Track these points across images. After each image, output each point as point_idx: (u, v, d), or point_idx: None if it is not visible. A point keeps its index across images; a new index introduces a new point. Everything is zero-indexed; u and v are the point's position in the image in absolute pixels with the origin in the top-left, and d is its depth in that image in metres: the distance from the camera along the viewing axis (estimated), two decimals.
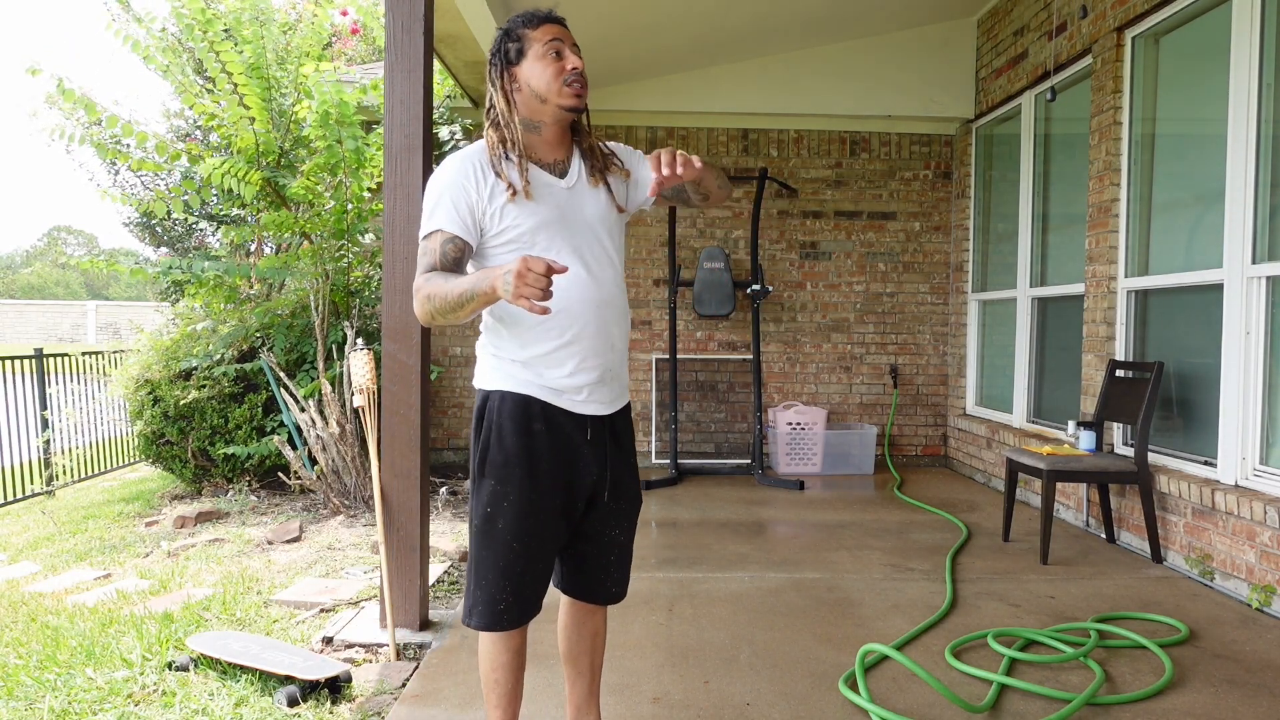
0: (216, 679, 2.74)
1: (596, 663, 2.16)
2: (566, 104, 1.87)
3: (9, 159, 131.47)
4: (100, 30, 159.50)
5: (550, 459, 1.89)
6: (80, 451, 6.87)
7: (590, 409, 1.93)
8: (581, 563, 2.05)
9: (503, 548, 1.89)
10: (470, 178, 1.85)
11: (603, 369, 1.92)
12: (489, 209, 1.85)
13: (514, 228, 1.86)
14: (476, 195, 1.85)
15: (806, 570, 3.94)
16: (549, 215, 1.87)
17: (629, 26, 5.28)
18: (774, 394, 6.79)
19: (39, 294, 40.91)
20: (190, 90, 5.54)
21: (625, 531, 2.08)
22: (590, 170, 1.96)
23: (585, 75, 1.89)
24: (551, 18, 1.90)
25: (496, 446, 1.89)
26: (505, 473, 1.88)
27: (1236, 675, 2.79)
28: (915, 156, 6.78)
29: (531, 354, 1.88)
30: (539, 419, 1.89)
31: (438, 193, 1.86)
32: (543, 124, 1.91)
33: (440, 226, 1.83)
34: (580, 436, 1.93)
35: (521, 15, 1.92)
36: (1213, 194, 3.89)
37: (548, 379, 1.89)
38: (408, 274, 3.11)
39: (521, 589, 1.91)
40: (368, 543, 4.41)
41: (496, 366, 1.93)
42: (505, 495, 1.88)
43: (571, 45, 1.90)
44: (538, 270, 1.58)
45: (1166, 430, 4.25)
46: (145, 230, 10.43)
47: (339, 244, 5.41)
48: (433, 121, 5.47)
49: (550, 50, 1.86)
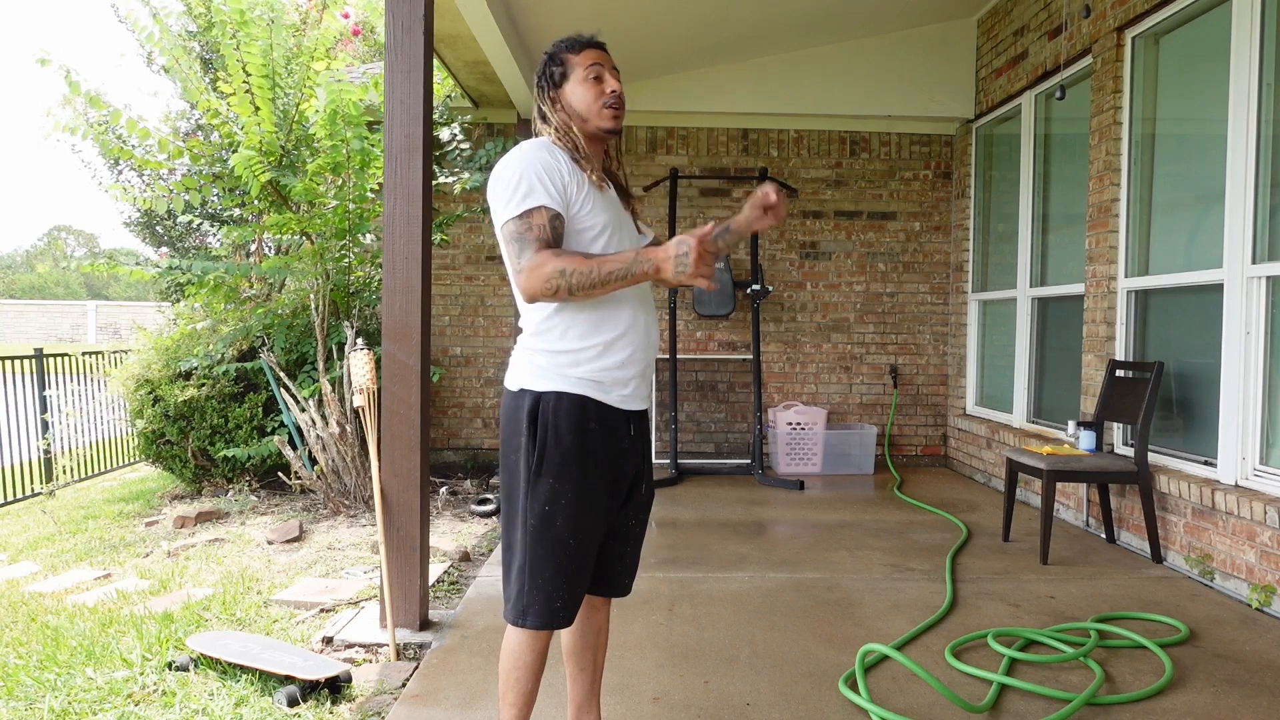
0: (216, 679, 2.74)
1: (599, 660, 2.19)
2: (605, 125, 1.98)
3: (10, 159, 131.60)
4: (108, 33, 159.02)
5: (601, 455, 1.95)
6: (80, 451, 6.87)
7: (632, 404, 2.00)
8: (601, 556, 2.08)
9: (561, 546, 1.91)
10: (560, 160, 1.91)
11: (645, 362, 2.00)
12: (577, 195, 1.91)
13: (590, 218, 1.92)
14: (567, 178, 1.90)
15: (806, 570, 3.94)
16: (612, 216, 1.98)
17: (629, 26, 5.28)
18: (774, 394, 6.79)
19: (39, 294, 40.92)
20: (197, 88, 5.54)
21: (641, 523, 2.15)
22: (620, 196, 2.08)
23: (623, 98, 2.00)
24: (593, 43, 2.02)
25: (554, 446, 1.90)
26: (564, 471, 1.90)
27: (1236, 675, 2.79)
28: (915, 156, 6.78)
29: (593, 342, 1.92)
30: (594, 418, 1.93)
31: (529, 171, 1.86)
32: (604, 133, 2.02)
33: (542, 203, 1.84)
34: (625, 432, 1.99)
35: (565, 40, 2.03)
36: (1213, 194, 3.89)
37: (603, 366, 1.92)
38: (408, 274, 3.11)
39: (575, 586, 1.95)
40: (368, 543, 4.41)
41: (549, 367, 1.93)
42: (563, 494, 1.90)
43: (611, 69, 2.00)
44: (711, 250, 1.74)
45: (1166, 430, 4.25)
46: (146, 230, 10.43)
47: (340, 244, 5.41)
48: (433, 122, 5.47)
49: (591, 74, 1.97)
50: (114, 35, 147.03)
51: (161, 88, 15.73)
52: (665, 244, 1.78)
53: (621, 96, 1.99)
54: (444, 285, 6.73)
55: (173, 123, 9.58)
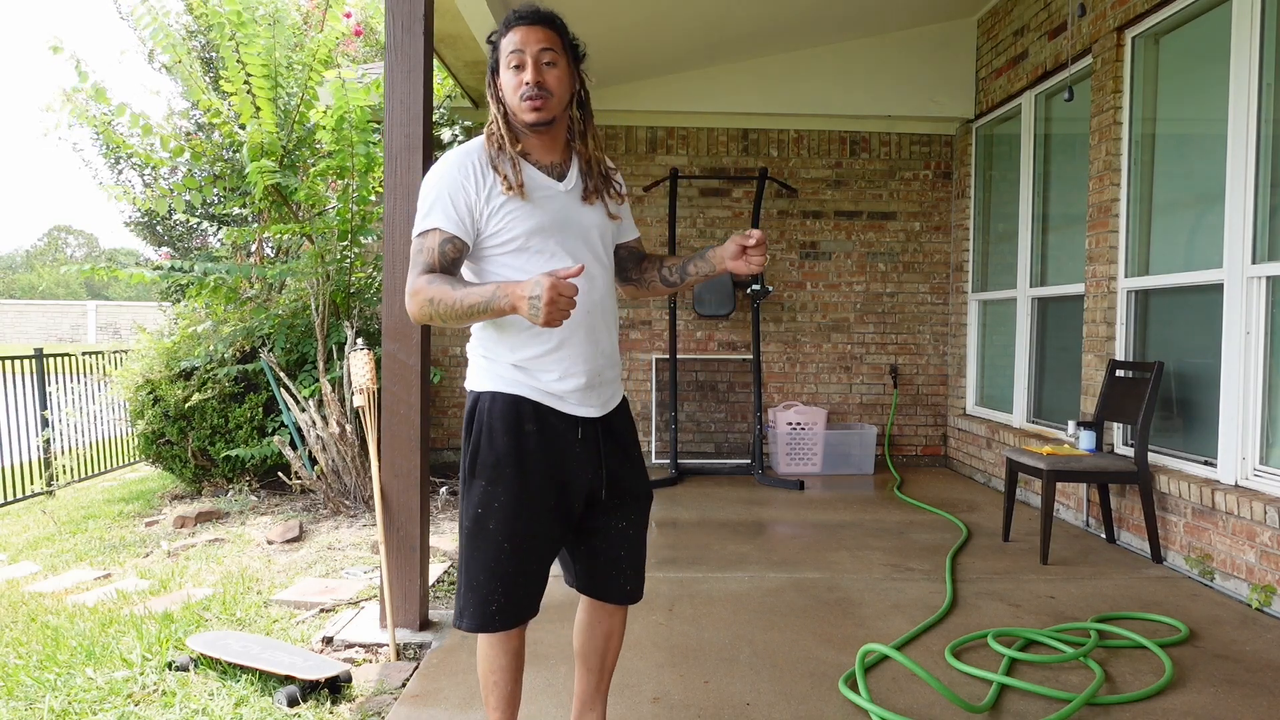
0: (216, 679, 2.74)
1: (608, 663, 2.15)
2: (526, 119, 1.84)
3: (10, 159, 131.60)
4: (106, 33, 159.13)
5: (541, 459, 1.88)
6: (80, 451, 6.87)
7: (581, 411, 1.92)
8: (592, 560, 2.03)
9: (494, 549, 1.88)
10: (470, 175, 1.83)
11: (589, 373, 1.91)
12: (486, 209, 1.83)
13: (510, 229, 1.84)
14: (475, 194, 1.83)
15: (806, 570, 3.94)
16: (545, 219, 1.86)
17: (629, 26, 5.28)
18: (774, 394, 6.79)
19: (39, 294, 40.92)
20: (198, 86, 5.54)
21: (634, 525, 2.04)
22: (586, 187, 1.94)
23: (548, 86, 1.82)
24: (522, 19, 1.84)
25: (487, 447, 1.87)
26: (496, 473, 1.87)
27: (1236, 675, 2.79)
28: (915, 156, 6.78)
29: (520, 357, 1.88)
30: (530, 419, 1.88)
31: (436, 189, 1.83)
32: (527, 131, 1.89)
33: (437, 225, 1.81)
34: (572, 436, 1.91)
35: (505, 17, 1.89)
36: (1213, 194, 3.89)
37: (541, 382, 1.89)
38: (407, 274, 3.11)
39: (514, 590, 1.89)
40: (368, 543, 4.41)
41: (488, 368, 1.92)
42: (496, 496, 1.87)
43: (541, 50, 1.82)
44: (568, 294, 1.61)
45: (1166, 430, 4.25)
46: (146, 230, 10.43)
47: (342, 245, 5.41)
48: (433, 122, 5.47)
49: (511, 61, 1.83)
50: (114, 33, 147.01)
51: (162, 86, 15.72)
52: (525, 282, 1.65)
53: (540, 84, 1.80)
54: None
55: (174, 123, 9.58)
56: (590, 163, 1.95)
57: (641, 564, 2.10)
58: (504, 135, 1.86)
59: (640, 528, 2.07)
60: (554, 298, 1.60)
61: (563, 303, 1.61)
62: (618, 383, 2.03)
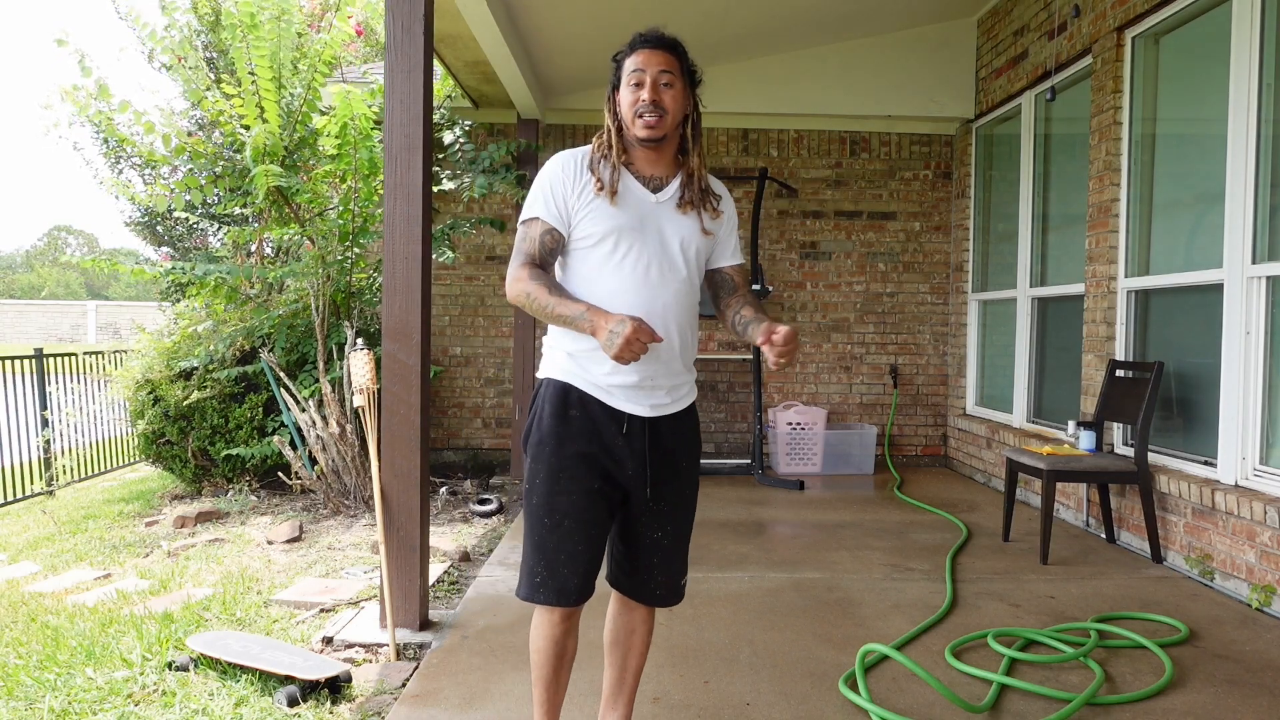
0: (216, 679, 2.74)
1: (630, 662, 2.19)
2: (639, 135, 1.97)
3: (10, 158, 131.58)
4: (105, 31, 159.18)
5: (583, 442, 1.97)
6: (80, 451, 6.87)
7: (628, 408, 1.98)
8: (625, 561, 2.11)
9: (535, 522, 1.99)
10: (570, 171, 1.98)
11: (641, 375, 1.97)
12: (578, 204, 1.97)
13: (590, 225, 1.95)
14: (571, 188, 1.97)
15: (806, 570, 3.94)
16: (627, 221, 1.96)
17: (628, 26, 5.26)
18: (774, 394, 6.79)
19: (39, 294, 40.92)
20: (200, 86, 5.54)
21: (670, 536, 2.09)
22: (683, 196, 2.03)
23: (664, 105, 1.95)
24: (647, 42, 2.00)
25: (537, 427, 2.01)
26: (539, 450, 1.99)
27: (1236, 675, 2.79)
28: (915, 156, 6.78)
29: (579, 348, 1.98)
30: (575, 405, 1.98)
31: (540, 183, 2.00)
32: (637, 144, 2.01)
33: (539, 215, 1.98)
34: (616, 429, 1.98)
35: (632, 38, 2.03)
36: (1213, 194, 3.89)
37: (590, 374, 1.98)
38: (408, 274, 3.11)
39: (555, 566, 1.97)
40: (368, 543, 4.41)
41: (549, 357, 2.05)
42: (538, 472, 1.98)
43: (660, 72, 1.96)
44: (645, 339, 1.78)
45: (1166, 430, 4.25)
46: (146, 230, 10.43)
47: (343, 246, 5.41)
48: (433, 122, 5.46)
49: (632, 80, 1.97)
50: (113, 32, 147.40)
51: (162, 86, 15.72)
52: (613, 315, 1.82)
53: (657, 104, 1.94)
54: (444, 285, 6.73)
55: (174, 122, 9.59)
56: (693, 176, 2.05)
57: (677, 573, 2.14)
58: (612, 145, 2.00)
59: (677, 539, 2.11)
60: (631, 338, 1.76)
61: (637, 346, 1.77)
62: (680, 391, 2.07)
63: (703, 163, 2.08)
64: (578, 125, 6.65)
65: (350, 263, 5.51)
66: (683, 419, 2.08)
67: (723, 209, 2.10)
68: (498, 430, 6.79)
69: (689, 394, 2.11)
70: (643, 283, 1.96)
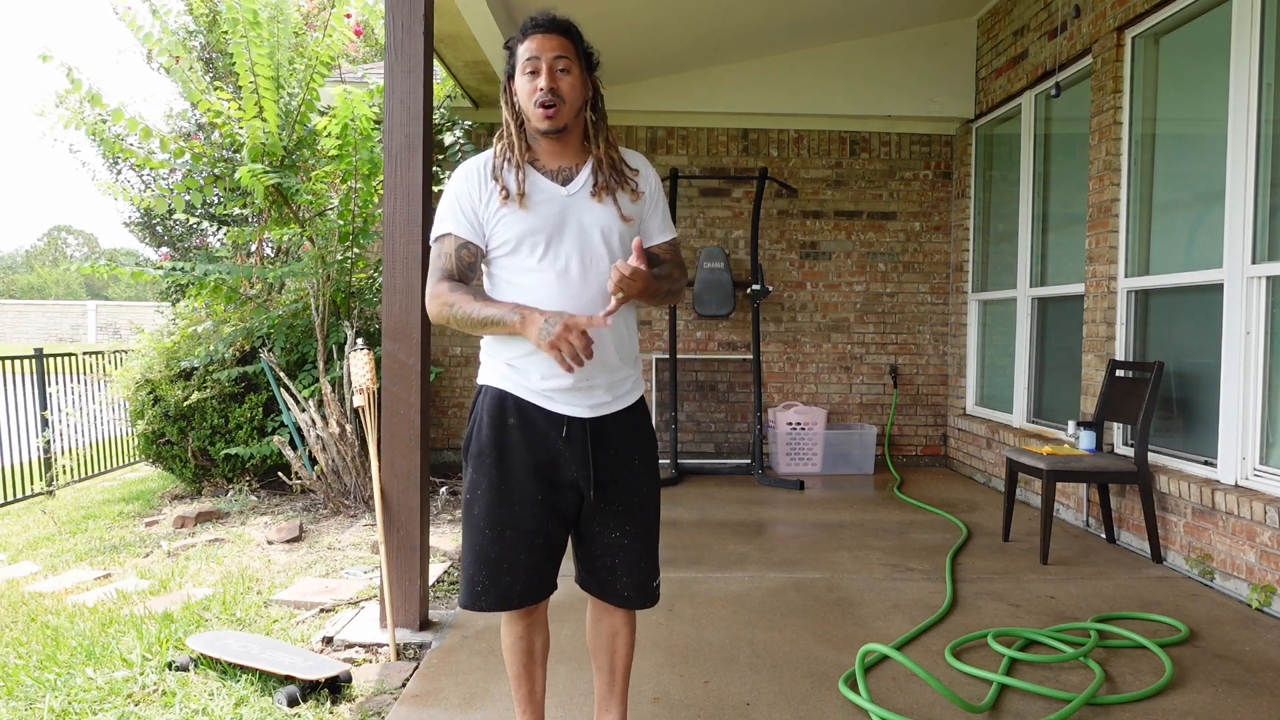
0: (216, 679, 2.74)
1: (617, 663, 2.18)
2: (540, 127, 1.90)
3: (9, 159, 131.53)
4: (104, 31, 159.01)
5: (524, 451, 1.94)
6: (80, 451, 6.87)
7: (566, 410, 1.94)
8: (587, 562, 2.09)
9: (476, 533, 1.98)
10: (475, 183, 1.94)
11: (576, 375, 1.91)
12: (486, 212, 1.93)
13: (504, 232, 1.92)
14: (478, 198, 1.93)
15: (806, 570, 3.94)
16: (538, 223, 1.91)
17: (629, 26, 5.28)
18: (774, 394, 6.79)
19: (39, 294, 40.91)
20: (197, 87, 5.54)
21: (630, 536, 2.02)
22: (595, 183, 1.96)
23: (561, 93, 1.87)
24: (538, 26, 1.90)
25: (475, 437, 1.99)
26: (479, 461, 1.97)
27: (1236, 675, 2.79)
28: (915, 156, 6.78)
29: (513, 354, 1.95)
30: (514, 413, 1.96)
31: (448, 198, 1.96)
32: (539, 135, 1.95)
33: (450, 230, 1.94)
34: (556, 434, 1.94)
35: (522, 23, 1.94)
36: (1213, 194, 3.89)
37: (525, 379, 1.96)
38: (408, 274, 3.11)
39: (497, 574, 1.96)
40: (368, 543, 4.41)
41: (487, 365, 2.04)
42: (479, 483, 1.97)
43: (555, 58, 1.87)
44: (579, 330, 1.73)
45: (1166, 430, 4.25)
46: (146, 230, 10.42)
47: (343, 246, 5.41)
48: (433, 122, 5.46)
49: (527, 68, 1.89)
50: (113, 32, 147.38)
51: (161, 86, 15.73)
52: (543, 311, 1.80)
53: (555, 91, 1.85)
54: None
55: (173, 123, 9.59)
56: (602, 162, 1.97)
57: (644, 574, 2.07)
58: (514, 141, 1.94)
59: (637, 539, 2.03)
60: (563, 333, 1.73)
61: (573, 337, 1.73)
62: (621, 388, 2.00)
63: (611, 145, 1.99)
64: None
65: (350, 263, 5.51)
66: (628, 416, 2.02)
67: (642, 188, 2.01)
68: None
69: (633, 389, 2.03)
70: (564, 281, 1.89)
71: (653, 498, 2.08)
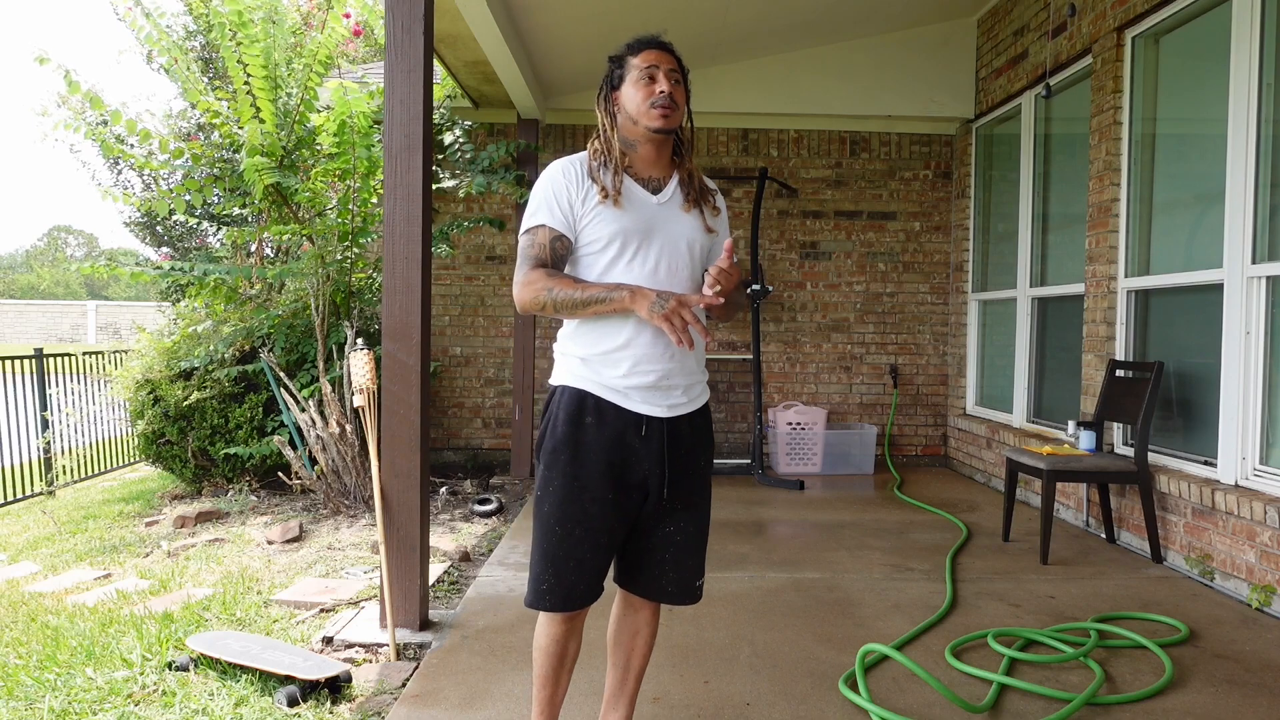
0: (216, 679, 2.74)
1: (634, 662, 2.20)
2: (653, 125, 1.98)
3: (9, 159, 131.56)
4: (105, 32, 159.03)
5: (599, 450, 1.96)
6: (80, 451, 6.87)
7: (645, 409, 1.98)
8: (636, 559, 2.10)
9: (546, 531, 1.99)
10: (571, 177, 2.00)
11: (659, 375, 1.97)
12: (582, 210, 1.98)
13: (597, 230, 1.97)
14: (575, 194, 1.98)
15: (806, 570, 3.94)
16: (632, 224, 1.98)
17: (628, 27, 5.27)
18: (774, 394, 6.79)
19: (39, 294, 40.91)
20: (196, 88, 5.54)
21: (683, 532, 2.08)
22: (685, 196, 2.05)
23: (676, 99, 1.98)
24: (654, 43, 2.05)
25: (550, 435, 2.01)
26: (552, 459, 1.99)
27: (1236, 675, 2.79)
28: (915, 156, 6.78)
29: (593, 352, 1.99)
30: (591, 412, 1.98)
31: (542, 191, 2.00)
32: (638, 143, 2.03)
33: (545, 222, 1.98)
34: (633, 433, 1.98)
35: (630, 41, 2.07)
36: (1213, 194, 3.89)
37: (605, 378, 1.98)
38: (408, 274, 3.11)
39: (562, 573, 1.98)
40: (368, 543, 4.41)
41: (563, 364, 2.05)
42: (551, 480, 1.99)
43: (669, 70, 2.01)
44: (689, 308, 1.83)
45: (1166, 430, 4.25)
46: (146, 230, 10.43)
47: (343, 246, 5.41)
48: (433, 122, 5.46)
49: (644, 75, 2.00)
50: (113, 32, 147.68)
51: (161, 87, 15.74)
52: (649, 289, 1.87)
53: (673, 97, 1.98)
54: (444, 285, 6.73)
55: (174, 124, 9.59)
56: (690, 175, 2.08)
57: (691, 571, 2.13)
58: (608, 149, 2.02)
59: (691, 536, 2.10)
60: (677, 307, 1.82)
61: (685, 312, 1.82)
62: (694, 390, 2.07)
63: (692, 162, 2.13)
64: (578, 125, 6.66)
65: (350, 263, 5.51)
66: (698, 418, 2.09)
67: (719, 205, 2.14)
68: (498, 430, 6.79)
69: (703, 393, 2.12)
70: (651, 283, 1.96)
71: (709, 497, 2.16)
